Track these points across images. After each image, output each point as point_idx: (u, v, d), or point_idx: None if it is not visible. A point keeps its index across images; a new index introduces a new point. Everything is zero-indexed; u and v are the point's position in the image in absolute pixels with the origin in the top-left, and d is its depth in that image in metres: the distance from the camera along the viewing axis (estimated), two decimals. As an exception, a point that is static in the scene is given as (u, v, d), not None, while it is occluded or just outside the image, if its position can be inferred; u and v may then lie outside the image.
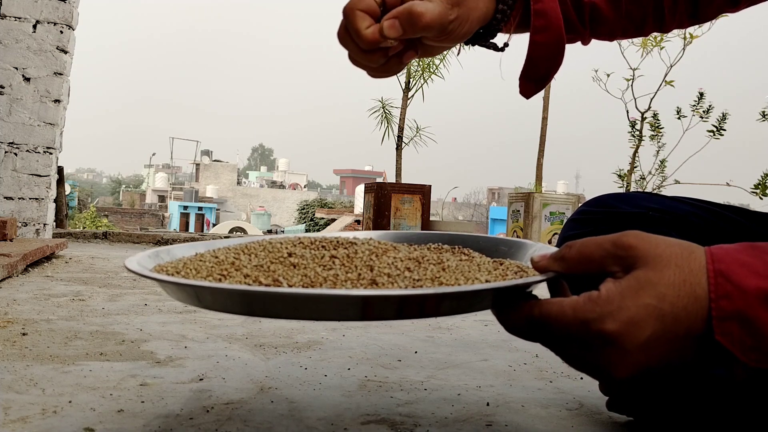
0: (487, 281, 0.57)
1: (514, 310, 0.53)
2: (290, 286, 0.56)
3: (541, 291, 0.52)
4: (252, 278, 0.58)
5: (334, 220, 19.27)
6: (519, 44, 0.74)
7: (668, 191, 5.39)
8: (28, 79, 3.47)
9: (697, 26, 0.84)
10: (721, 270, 0.48)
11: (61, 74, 3.53)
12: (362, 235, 0.79)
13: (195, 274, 0.59)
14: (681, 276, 0.48)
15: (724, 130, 5.21)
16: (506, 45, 0.70)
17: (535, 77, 0.71)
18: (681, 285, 0.48)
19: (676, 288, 0.48)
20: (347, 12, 0.61)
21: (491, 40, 0.69)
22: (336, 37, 0.64)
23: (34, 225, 3.48)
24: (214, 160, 39.19)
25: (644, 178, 5.53)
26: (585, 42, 0.77)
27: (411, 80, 5.14)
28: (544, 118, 6.08)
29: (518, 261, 0.67)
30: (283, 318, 0.56)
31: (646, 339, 0.48)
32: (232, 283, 0.56)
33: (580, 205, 0.83)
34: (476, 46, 0.70)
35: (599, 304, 0.49)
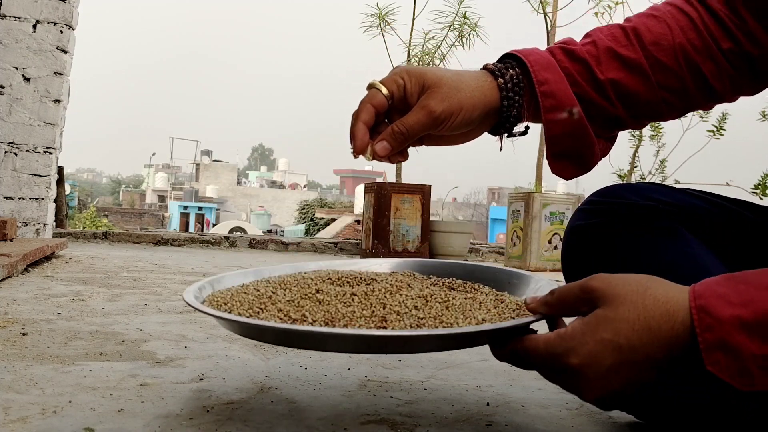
0: (483, 320, 0.67)
1: (501, 344, 0.64)
2: (314, 321, 0.66)
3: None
4: (284, 312, 0.69)
5: (334, 220, 19.26)
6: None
7: (668, 191, 5.38)
8: (28, 79, 3.47)
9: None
10: (702, 305, 0.52)
11: (61, 74, 3.53)
12: (388, 265, 0.93)
13: (239, 306, 0.71)
14: (635, 312, 0.54)
15: (724, 130, 5.21)
16: (527, 128, 0.71)
17: (565, 154, 0.71)
18: (635, 320, 0.54)
19: (630, 323, 0.54)
20: (357, 110, 0.68)
21: (513, 131, 0.71)
22: (339, 42, 0.65)
23: (34, 225, 3.48)
24: (214, 160, 39.20)
25: (644, 178, 5.52)
26: (632, 126, 0.74)
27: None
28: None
29: (521, 296, 0.76)
30: (302, 348, 0.74)
31: (606, 369, 0.55)
32: (267, 317, 0.68)
33: (580, 204, 0.83)
34: (505, 130, 0.71)
35: (565, 339, 0.57)
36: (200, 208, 27.23)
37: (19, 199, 3.46)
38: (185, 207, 26.93)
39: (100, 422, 0.72)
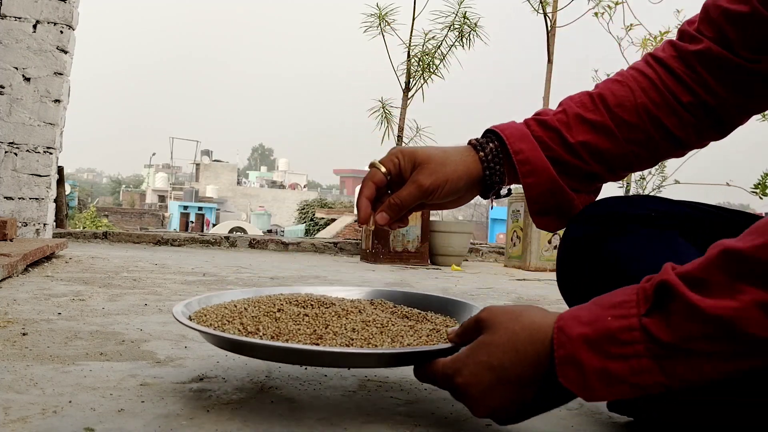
0: (408, 344, 0.77)
1: (418, 366, 0.74)
2: (264, 335, 0.77)
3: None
4: (244, 326, 0.79)
5: (334, 220, 19.24)
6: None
7: (668, 191, 5.39)
8: (28, 79, 3.47)
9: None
10: (560, 326, 0.59)
11: (61, 74, 3.53)
12: (369, 294, 1.03)
13: (214, 317, 0.81)
14: (506, 336, 0.63)
15: (724, 130, 5.20)
16: (510, 191, 0.82)
17: (545, 211, 0.80)
18: (506, 343, 0.63)
19: (501, 346, 0.63)
20: (361, 186, 0.79)
21: (501, 193, 0.82)
22: (339, 42, 0.68)
23: (34, 225, 3.48)
24: (214, 160, 39.17)
25: (644, 178, 5.52)
26: (610, 178, 0.82)
27: (411, 80, 5.13)
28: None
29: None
30: (252, 357, 0.79)
31: (485, 387, 0.64)
32: (230, 328, 0.78)
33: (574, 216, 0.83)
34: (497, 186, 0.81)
35: (455, 362, 0.67)
36: (200, 208, 27.23)
37: (19, 199, 3.46)
38: (185, 207, 26.93)
39: (100, 422, 0.73)
